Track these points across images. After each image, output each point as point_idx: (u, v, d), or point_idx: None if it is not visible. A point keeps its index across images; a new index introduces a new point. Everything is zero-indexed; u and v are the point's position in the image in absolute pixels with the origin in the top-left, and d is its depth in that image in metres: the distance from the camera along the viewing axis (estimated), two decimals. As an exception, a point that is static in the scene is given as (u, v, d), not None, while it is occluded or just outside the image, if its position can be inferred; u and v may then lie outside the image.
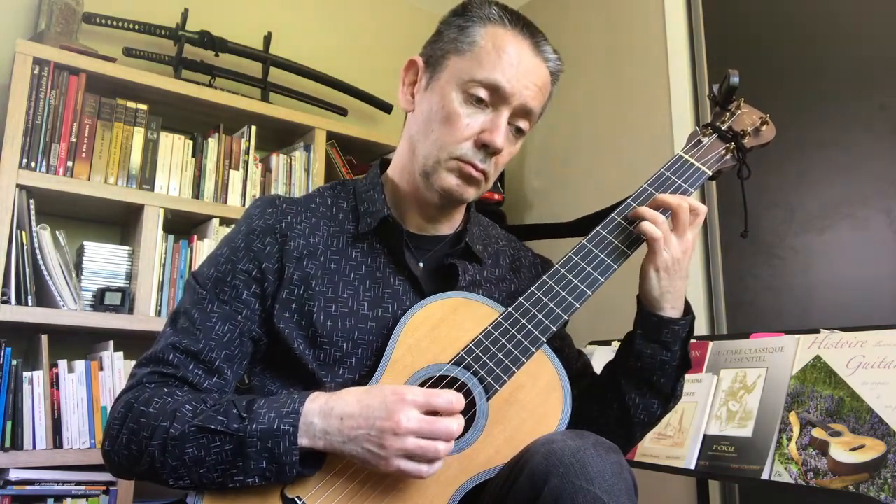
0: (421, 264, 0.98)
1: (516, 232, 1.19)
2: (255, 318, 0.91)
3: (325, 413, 0.77)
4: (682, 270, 0.91)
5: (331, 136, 2.32)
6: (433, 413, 0.76)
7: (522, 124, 0.95)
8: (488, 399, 0.83)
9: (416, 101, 0.98)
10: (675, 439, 1.42)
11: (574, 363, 1.06)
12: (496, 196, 2.45)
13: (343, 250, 0.96)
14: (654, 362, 0.92)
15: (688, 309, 0.95)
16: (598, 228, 0.93)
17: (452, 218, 1.03)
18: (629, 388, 0.94)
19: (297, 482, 0.79)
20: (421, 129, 0.95)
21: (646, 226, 0.90)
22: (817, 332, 1.32)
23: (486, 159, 0.92)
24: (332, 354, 0.89)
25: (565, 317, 0.87)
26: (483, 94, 0.91)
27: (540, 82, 0.94)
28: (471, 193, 0.94)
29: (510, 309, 0.88)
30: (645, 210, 0.91)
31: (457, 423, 0.76)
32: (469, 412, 0.82)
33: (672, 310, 0.92)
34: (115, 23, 2.04)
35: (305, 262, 0.93)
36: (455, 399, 0.77)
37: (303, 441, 0.77)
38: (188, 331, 0.89)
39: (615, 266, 0.90)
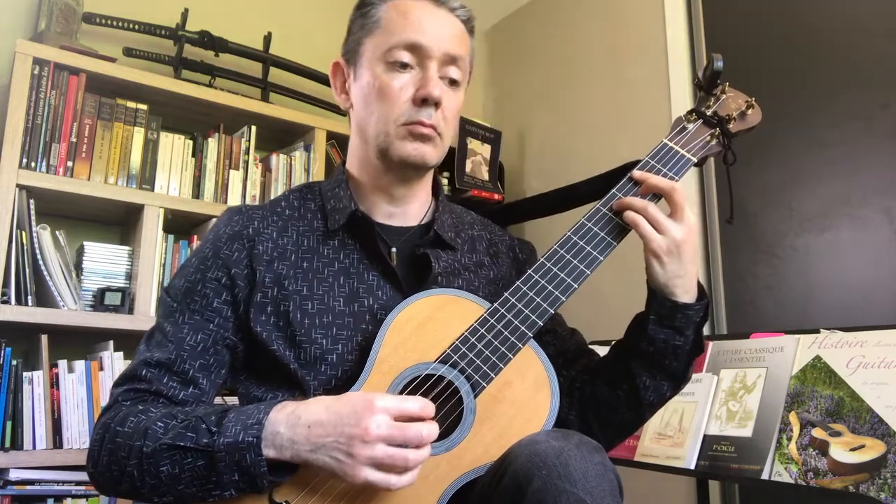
0: (394, 249, 0.98)
1: (494, 215, 1.18)
2: (229, 326, 0.91)
3: (291, 422, 0.76)
4: (688, 253, 0.88)
5: (331, 136, 2.32)
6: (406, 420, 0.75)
7: (454, 73, 0.96)
8: (476, 397, 0.83)
9: (351, 97, 1.00)
10: (675, 439, 1.41)
11: (568, 342, 1.05)
12: (496, 196, 2.45)
13: (314, 248, 0.96)
14: (666, 347, 0.90)
15: (702, 293, 0.92)
16: (583, 220, 0.92)
17: (419, 196, 1.03)
18: (640, 370, 0.92)
19: (286, 485, 0.79)
20: (363, 116, 0.97)
21: (628, 215, 0.89)
22: (817, 332, 1.31)
23: (431, 114, 0.93)
24: (313, 352, 0.89)
25: (551, 311, 0.87)
26: (405, 56, 0.93)
27: (454, 30, 0.97)
28: (429, 153, 0.95)
29: (496, 305, 0.87)
30: (629, 200, 0.90)
31: (427, 429, 0.74)
32: (457, 410, 0.82)
33: (685, 294, 0.90)
34: (115, 23, 2.04)
35: (276, 263, 0.93)
36: (428, 404, 0.77)
37: (268, 452, 0.75)
38: (161, 344, 0.89)
39: (601, 258, 0.89)
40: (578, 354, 1.04)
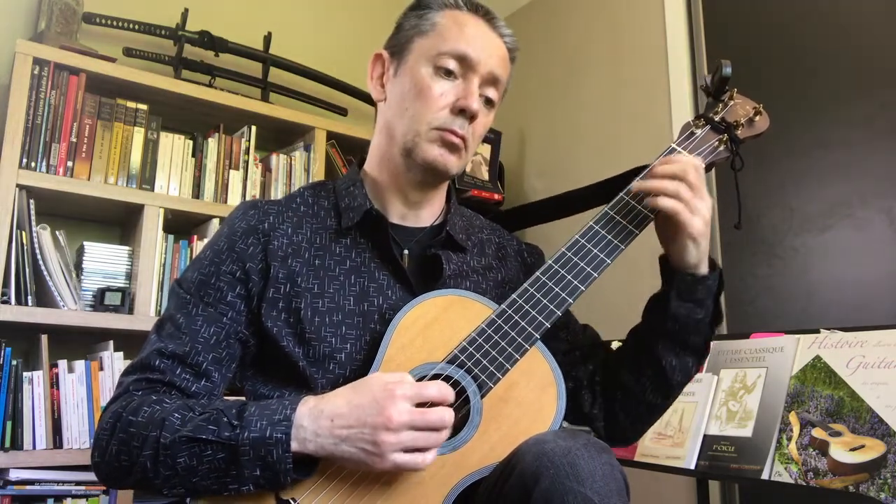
0: (406, 251, 0.99)
1: (501, 218, 1.19)
2: (241, 320, 0.91)
3: (314, 416, 0.77)
4: (709, 230, 0.91)
5: (331, 136, 2.32)
6: (423, 405, 0.76)
7: (491, 94, 0.99)
8: (482, 397, 0.83)
9: (386, 90, 1.01)
10: (675, 439, 1.42)
11: (582, 337, 1.06)
12: (496, 196, 2.45)
13: (327, 246, 0.96)
14: (689, 322, 0.92)
15: (713, 263, 0.94)
16: (591, 223, 0.92)
17: (434, 203, 1.04)
18: (664, 351, 0.94)
19: (292, 484, 0.78)
20: (396, 112, 0.98)
21: (665, 203, 0.88)
22: (817, 332, 1.31)
23: (464, 125, 0.94)
24: (322, 350, 0.89)
25: (558, 313, 0.87)
26: (452, 64, 0.95)
27: (501, 53, 0.99)
28: (453, 163, 0.96)
29: (503, 306, 0.88)
30: (660, 185, 0.89)
31: (450, 413, 0.76)
32: (463, 410, 0.82)
33: (703, 267, 0.92)
34: (115, 23, 2.04)
35: (290, 260, 0.93)
36: (446, 389, 0.78)
37: (293, 446, 0.76)
38: (174, 335, 0.89)
39: (608, 261, 0.90)
40: (594, 348, 1.05)
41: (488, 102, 0.99)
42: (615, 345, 1.64)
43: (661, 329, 0.94)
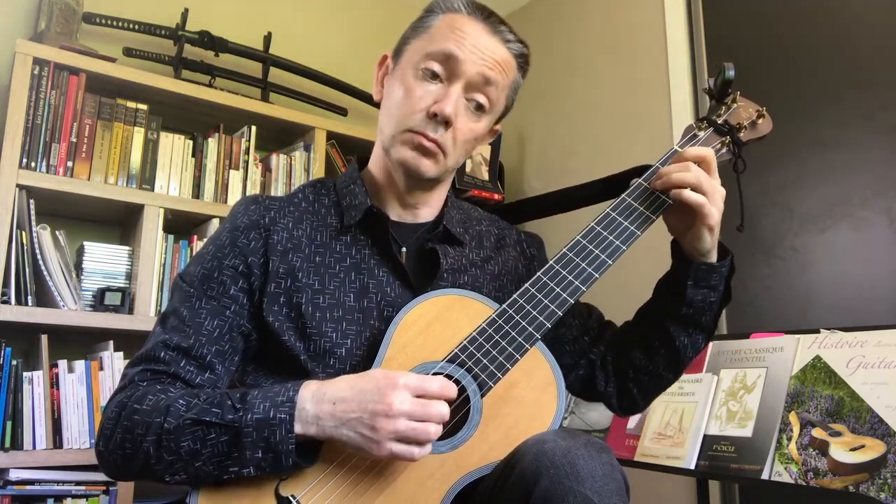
0: (404, 249, 1.00)
1: (499, 212, 1.19)
2: (244, 313, 0.92)
3: (317, 398, 0.78)
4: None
5: (331, 136, 2.32)
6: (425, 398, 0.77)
7: (481, 98, 0.95)
8: (483, 396, 0.83)
9: (384, 91, 1.02)
10: (675, 439, 1.42)
11: (589, 320, 1.08)
12: (496, 196, 2.45)
13: (327, 244, 0.97)
14: (703, 306, 0.95)
15: (723, 248, 0.96)
16: (592, 224, 0.92)
17: (431, 202, 1.04)
18: (678, 332, 0.96)
19: (291, 480, 0.79)
20: (385, 112, 0.99)
21: (689, 196, 0.88)
22: (817, 332, 1.32)
23: (437, 129, 0.92)
24: (322, 345, 0.90)
25: (559, 313, 0.87)
26: (436, 67, 0.93)
27: (497, 57, 0.95)
28: (427, 166, 0.94)
29: (504, 306, 0.88)
30: (683, 177, 0.89)
31: (447, 408, 0.77)
32: (463, 409, 0.83)
33: (715, 253, 0.94)
34: (115, 23, 2.04)
35: (290, 255, 0.94)
36: (447, 385, 0.78)
37: (296, 427, 0.77)
38: (178, 328, 0.89)
39: (610, 262, 0.90)
40: (602, 329, 1.07)
41: (479, 108, 0.96)
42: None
43: (674, 312, 0.96)
